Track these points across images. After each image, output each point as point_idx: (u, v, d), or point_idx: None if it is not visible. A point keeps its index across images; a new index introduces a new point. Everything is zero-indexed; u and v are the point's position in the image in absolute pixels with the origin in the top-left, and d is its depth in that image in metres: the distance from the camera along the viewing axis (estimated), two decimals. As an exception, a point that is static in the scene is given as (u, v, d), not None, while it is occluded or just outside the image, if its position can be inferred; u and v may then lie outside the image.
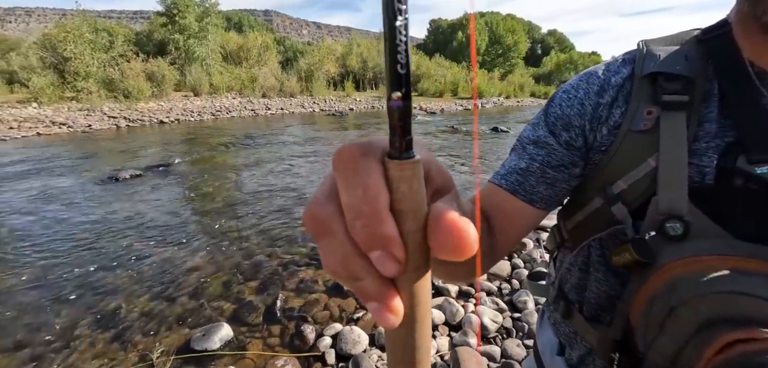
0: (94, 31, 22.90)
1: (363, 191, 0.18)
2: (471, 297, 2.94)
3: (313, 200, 0.20)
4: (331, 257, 0.19)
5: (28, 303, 2.93)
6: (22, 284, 3.20)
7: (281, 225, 4.41)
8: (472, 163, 7.70)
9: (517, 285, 3.11)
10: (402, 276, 0.19)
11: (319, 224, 0.19)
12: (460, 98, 34.32)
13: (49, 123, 13.40)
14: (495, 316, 2.66)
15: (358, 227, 0.18)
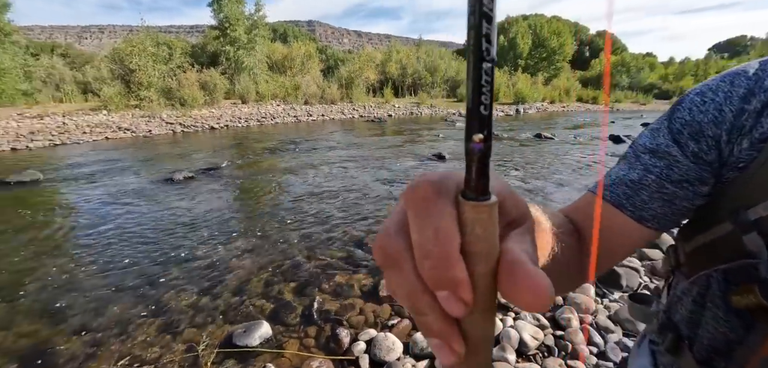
0: (156, 45, 24.98)
1: (434, 233, 0.18)
2: (509, 310, 2.83)
3: (384, 232, 0.20)
4: (398, 289, 0.20)
5: (94, 289, 3.22)
6: (89, 272, 3.54)
7: (320, 229, 4.51)
8: (526, 171, 7.44)
9: (560, 300, 2.95)
10: (468, 317, 0.19)
11: (387, 257, 0.20)
12: (502, 103, 33.39)
13: (115, 128, 14.75)
14: (535, 332, 2.54)
15: (426, 267, 0.18)
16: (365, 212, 5.09)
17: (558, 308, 2.81)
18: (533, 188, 6.18)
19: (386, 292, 3.00)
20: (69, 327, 2.73)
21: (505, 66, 46.08)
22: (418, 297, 0.19)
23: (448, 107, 27.97)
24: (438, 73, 36.38)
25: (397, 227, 0.20)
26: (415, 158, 8.92)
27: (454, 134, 13.75)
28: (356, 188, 6.27)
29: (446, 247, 0.17)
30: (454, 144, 11.08)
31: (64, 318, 2.86)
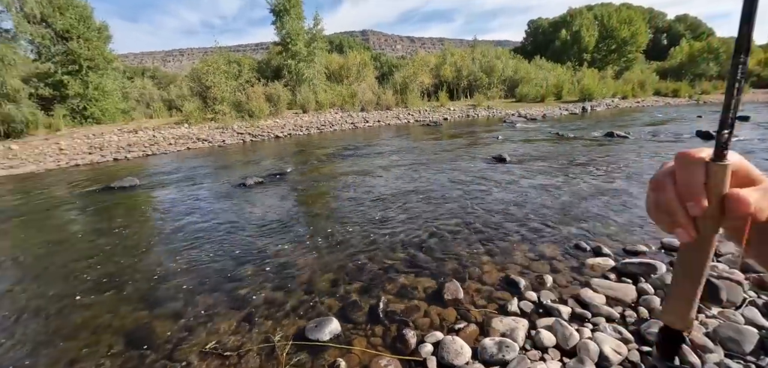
0: (227, 64, 27.41)
1: (689, 174, 0.35)
2: (586, 321, 2.63)
3: (658, 173, 0.38)
4: (659, 200, 0.37)
5: (183, 281, 3.60)
6: (179, 265, 3.95)
7: (381, 231, 4.58)
8: (592, 171, 6.92)
9: (646, 313, 2.67)
10: (700, 220, 0.36)
11: (658, 183, 0.38)
12: (566, 101, 31.27)
13: (195, 139, 16.37)
14: (618, 346, 2.32)
15: (682, 190, 0.35)
16: (425, 215, 5.07)
17: (644, 322, 2.55)
18: (613, 189, 5.69)
19: (449, 296, 2.95)
20: (164, 313, 3.08)
21: (569, 61, 43.11)
22: (673, 204, 0.36)
23: (506, 108, 26.87)
24: (495, 74, 35.18)
25: (666, 172, 0.37)
26: (474, 160, 8.70)
27: (514, 135, 13.17)
28: (415, 192, 6.27)
29: (695, 181, 0.34)
30: (515, 146, 10.60)
31: (160, 304, 3.23)
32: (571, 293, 2.96)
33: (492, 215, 4.88)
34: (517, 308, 2.80)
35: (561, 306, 2.75)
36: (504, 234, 4.20)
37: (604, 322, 2.57)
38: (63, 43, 22.44)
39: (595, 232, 4.12)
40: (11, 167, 12.85)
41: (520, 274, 3.26)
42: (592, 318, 2.64)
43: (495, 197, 5.64)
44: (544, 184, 6.23)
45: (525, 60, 39.95)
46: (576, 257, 3.56)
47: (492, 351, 2.31)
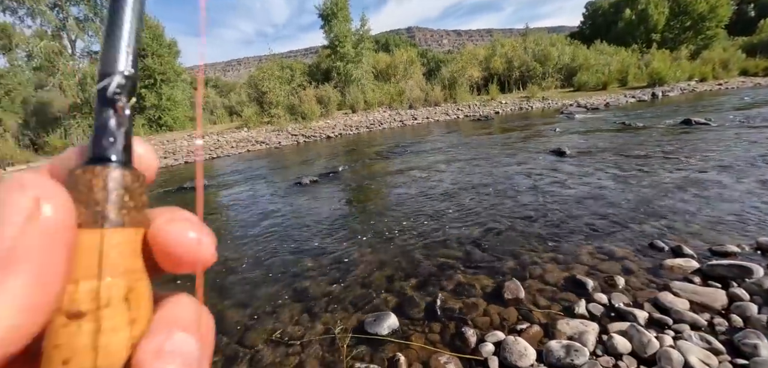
0: (281, 69, 28.84)
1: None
2: (667, 327, 2.40)
3: None
4: None
5: (249, 273, 3.85)
6: (245, 259, 4.24)
7: (435, 228, 4.54)
8: (665, 164, 6.29)
9: (740, 322, 2.37)
10: None
11: None
12: (632, 87, 28.65)
13: (254, 142, 17.44)
14: (707, 357, 2.08)
15: None
16: (479, 212, 4.93)
17: (738, 331, 2.26)
18: (694, 182, 5.12)
19: (509, 295, 2.85)
20: (234, 302, 3.32)
21: (635, 44, 39.43)
22: None
23: (563, 98, 25.26)
24: (549, 62, 33.24)
25: None
26: (530, 154, 8.30)
27: (572, 126, 12.34)
28: (468, 188, 6.13)
29: None
30: (576, 138, 9.93)
31: (230, 294, 3.48)
32: (648, 296, 2.72)
33: (551, 211, 4.62)
34: (585, 310, 2.63)
35: (636, 310, 2.53)
36: (566, 232, 3.96)
37: (689, 330, 2.33)
38: (140, 60, 24.99)
39: (674, 230, 3.73)
40: (102, 171, 14.61)
41: (587, 274, 3.05)
42: (674, 325, 2.40)
43: (554, 193, 5.34)
44: (609, 178, 5.77)
45: (583, 46, 37.22)
46: (652, 257, 3.25)
47: (559, 355, 2.19)
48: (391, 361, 2.36)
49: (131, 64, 0.23)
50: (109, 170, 0.21)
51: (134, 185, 0.22)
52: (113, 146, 0.22)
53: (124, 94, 0.22)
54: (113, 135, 0.22)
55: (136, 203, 0.22)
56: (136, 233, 0.22)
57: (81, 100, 22.71)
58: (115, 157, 0.22)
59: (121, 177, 0.21)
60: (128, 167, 0.22)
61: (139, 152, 0.25)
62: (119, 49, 0.23)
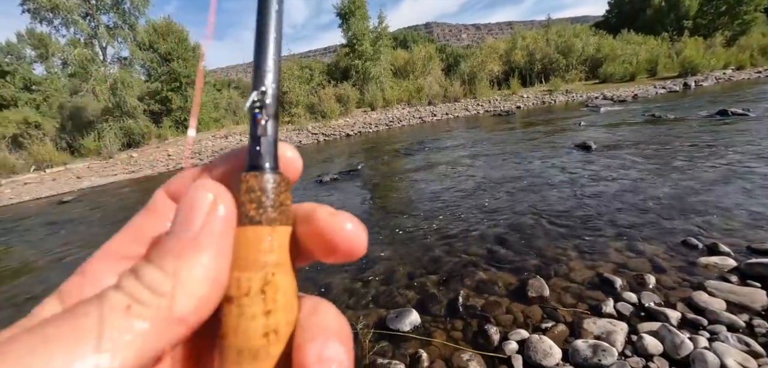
0: (300, 69, 29.20)
1: None
2: (702, 328, 2.30)
3: None
4: None
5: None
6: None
7: (456, 225, 4.51)
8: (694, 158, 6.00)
9: (784, 322, 2.25)
10: None
11: None
12: (662, 77, 27.43)
13: (275, 142, 17.75)
14: (745, 360, 1.98)
15: None
16: (501, 209, 4.86)
17: (781, 331, 2.15)
18: (730, 176, 4.87)
19: (533, 293, 2.80)
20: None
21: (665, 32, 37.68)
22: None
23: (587, 91, 24.48)
24: (573, 54, 32.26)
25: None
26: (554, 149, 8.09)
27: (598, 120, 11.94)
28: (489, 185, 6.05)
29: None
30: (602, 132, 9.61)
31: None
32: (681, 296, 2.61)
33: (577, 208, 4.50)
34: (613, 309, 2.55)
35: (668, 310, 2.44)
36: (593, 229, 3.84)
37: (725, 331, 2.23)
38: (166, 64, 25.95)
39: (710, 227, 3.56)
40: (132, 171, 15.28)
41: (615, 272, 2.96)
42: (710, 326, 2.30)
43: (579, 189, 5.19)
44: (638, 173, 5.56)
45: (609, 36, 35.87)
46: (685, 255, 3.12)
47: (586, 354, 2.14)
48: (413, 357, 2.36)
49: (273, 80, 0.26)
50: (259, 177, 0.24)
51: (279, 189, 0.25)
52: (262, 154, 0.25)
53: (269, 107, 0.25)
54: (262, 144, 0.25)
55: (281, 203, 0.25)
56: (279, 231, 0.25)
57: (112, 104, 23.74)
58: (267, 164, 0.25)
59: (267, 182, 0.24)
60: (275, 172, 0.25)
61: (287, 156, 0.28)
62: (265, 67, 0.25)
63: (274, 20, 0.26)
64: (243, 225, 0.24)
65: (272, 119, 0.26)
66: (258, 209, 0.24)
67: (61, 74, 28.75)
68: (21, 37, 28.40)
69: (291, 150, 0.28)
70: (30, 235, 7.49)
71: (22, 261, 5.80)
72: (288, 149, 0.28)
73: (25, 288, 4.65)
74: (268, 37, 0.26)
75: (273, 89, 0.26)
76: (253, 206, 0.24)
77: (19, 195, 13.17)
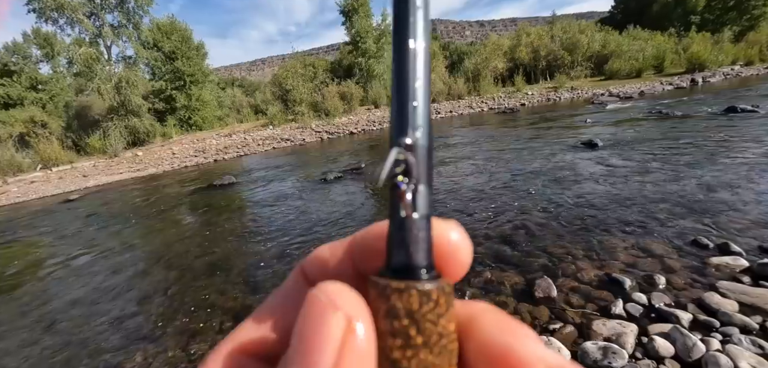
0: (304, 67, 29.19)
1: None
2: (714, 330, 2.25)
3: None
4: None
5: (276, 267, 3.93)
6: (273, 252, 4.33)
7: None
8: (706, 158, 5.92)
9: (798, 323, 2.20)
10: None
11: None
12: (669, 74, 27.14)
13: (279, 140, 17.77)
14: (759, 363, 1.93)
15: None
16: (507, 207, 4.82)
17: (796, 332, 2.10)
18: (740, 174, 4.79)
19: (540, 293, 2.77)
20: (263, 294, 3.38)
21: (672, 27, 37.25)
22: None
23: (593, 87, 24.29)
24: (578, 51, 31.98)
25: None
26: (560, 147, 8.02)
27: (605, 117, 11.82)
28: (493, 183, 6.00)
29: None
30: (608, 130, 9.51)
31: (260, 287, 3.57)
32: (692, 297, 2.57)
33: (584, 206, 4.44)
34: (622, 310, 2.51)
35: (679, 311, 2.39)
36: (601, 228, 3.79)
37: (739, 333, 2.18)
38: (170, 62, 26.03)
39: (720, 226, 3.50)
40: (138, 170, 15.35)
41: (624, 272, 2.91)
42: (722, 328, 2.26)
43: (586, 187, 5.13)
44: (646, 171, 5.49)
45: (615, 31, 35.53)
46: (695, 255, 3.06)
47: (596, 357, 2.10)
48: (419, 359, 2.33)
49: (424, 130, 0.18)
50: (406, 295, 0.16)
51: (438, 311, 0.17)
52: (411, 250, 0.17)
53: (419, 169, 0.18)
54: (410, 233, 0.17)
55: (440, 335, 0.17)
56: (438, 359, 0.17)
57: (117, 103, 23.87)
58: (421, 266, 0.17)
59: (422, 302, 0.17)
60: (433, 280, 0.17)
61: (449, 242, 0.20)
62: (409, 111, 0.19)
63: (421, 26, 0.19)
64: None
65: (425, 185, 0.18)
66: (405, 349, 0.16)
67: (66, 73, 28.92)
68: (27, 37, 28.61)
69: (455, 230, 0.21)
70: (37, 234, 7.55)
71: (29, 260, 5.84)
72: (452, 229, 0.21)
73: (31, 287, 4.68)
74: (415, 57, 0.19)
75: (423, 138, 0.18)
76: (397, 343, 0.16)
77: (25, 194, 13.28)
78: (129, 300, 3.83)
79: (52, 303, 4.07)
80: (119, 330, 3.31)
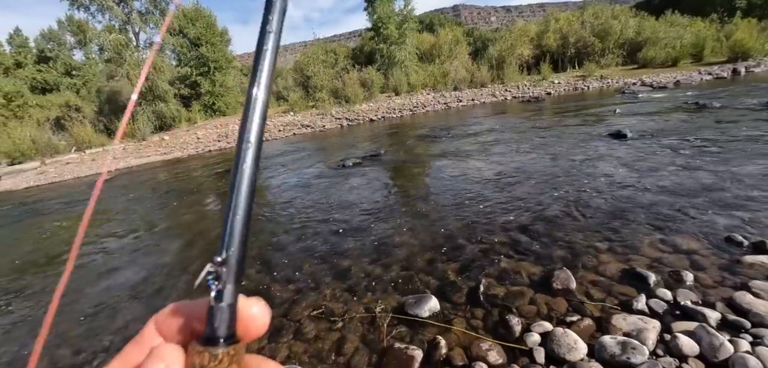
0: (325, 53, 29.19)
1: None
2: (744, 331, 2.13)
3: None
4: None
5: (293, 250, 3.99)
6: (290, 237, 4.40)
7: (479, 213, 4.40)
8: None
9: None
10: None
11: None
12: (708, 63, 25.52)
13: (300, 126, 17.94)
14: (795, 365, 1.83)
15: None
16: (527, 197, 4.70)
17: (837, 336, 1.96)
18: (773, 169, 4.49)
19: (559, 285, 2.69)
20: (280, 277, 3.46)
21: (714, 13, 34.97)
22: None
23: (624, 76, 23.21)
24: (611, 37, 30.52)
25: None
26: (586, 137, 7.73)
27: (635, 107, 11.29)
28: (515, 173, 5.86)
29: None
30: (639, 120, 9.08)
31: (276, 269, 3.64)
32: (721, 296, 2.44)
33: (609, 199, 4.28)
34: (644, 306, 2.41)
35: (706, 310, 2.28)
36: (625, 221, 3.65)
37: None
38: (195, 49, 26.58)
39: (756, 224, 3.29)
40: (164, 153, 15.89)
41: (649, 268, 2.80)
42: (753, 329, 2.13)
43: (613, 179, 4.93)
44: (678, 164, 5.22)
45: (651, 17, 33.64)
46: (727, 252, 2.90)
47: (613, 351, 2.03)
48: (431, 343, 2.33)
49: (238, 245, 0.27)
50: (205, 354, 0.25)
51: (219, 361, 0.25)
52: (215, 326, 0.26)
53: (229, 273, 0.26)
54: (215, 315, 0.26)
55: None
56: None
57: (145, 88, 24.66)
58: (221, 336, 0.26)
59: (215, 359, 0.25)
60: (226, 344, 0.26)
61: (250, 314, 0.29)
62: (230, 233, 0.27)
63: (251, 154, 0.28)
64: None
65: (233, 284, 0.26)
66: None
67: (98, 60, 30.05)
68: (61, 24, 29.82)
69: (257, 306, 0.29)
70: (72, 211, 7.96)
71: (67, 236, 6.17)
72: (254, 305, 0.29)
73: (65, 260, 4.95)
74: (240, 190, 0.28)
75: (235, 253, 0.27)
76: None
77: (61, 174, 14.01)
78: (155, 273, 3.99)
79: (87, 274, 4.29)
80: (146, 301, 3.46)
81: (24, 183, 13.27)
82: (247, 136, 0.28)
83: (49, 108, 24.02)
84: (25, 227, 7.09)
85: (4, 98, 23.17)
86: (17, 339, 3.18)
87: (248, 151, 0.28)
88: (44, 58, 28.50)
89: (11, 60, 28.52)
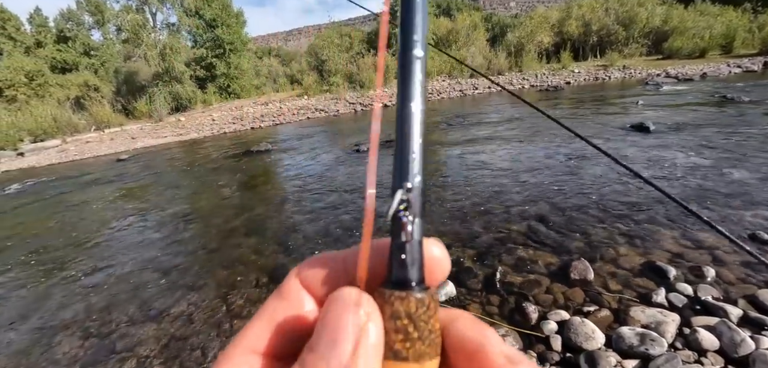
0: (340, 37, 28.99)
1: None
2: (766, 327, 2.09)
3: None
4: None
5: (308, 230, 4.06)
6: (304, 217, 4.47)
7: (495, 201, 4.38)
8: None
9: None
10: None
11: None
12: (738, 55, 24.39)
13: (313, 110, 17.99)
14: (818, 365, 1.80)
15: None
16: (544, 188, 4.65)
17: None
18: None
19: (576, 275, 2.68)
20: (295, 257, 3.53)
21: (747, 2, 33.32)
22: None
23: (648, 67, 22.44)
24: (635, 25, 29.38)
25: None
26: (606, 128, 7.56)
27: (659, 100, 10.94)
28: (532, 162, 5.79)
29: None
30: (662, 113, 8.82)
31: (291, 249, 3.72)
32: (744, 292, 2.40)
33: (628, 191, 4.20)
34: (664, 299, 2.39)
35: (728, 306, 2.25)
36: (646, 214, 3.58)
37: (793, 331, 2.02)
38: (211, 30, 26.70)
39: (784, 219, 3.20)
40: (180, 134, 16.16)
41: (670, 262, 2.75)
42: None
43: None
44: (702, 158, 5.08)
45: (679, 6, 32.21)
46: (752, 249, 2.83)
47: (631, 342, 2.03)
48: (447, 329, 2.36)
49: (419, 171, 0.23)
50: (406, 300, 0.21)
51: (429, 313, 0.21)
52: (408, 268, 0.22)
53: (415, 205, 0.22)
54: (407, 254, 0.22)
55: (430, 331, 0.21)
56: (427, 366, 0.22)
57: (162, 69, 24.97)
58: (414, 280, 0.22)
59: (417, 307, 0.21)
60: (423, 290, 0.21)
61: (433, 257, 0.24)
62: (409, 157, 0.23)
63: (419, 91, 0.23)
64: (387, 360, 0.21)
65: (418, 217, 0.22)
66: (405, 342, 0.21)
67: (115, 40, 30.45)
68: (80, 4, 30.19)
69: (437, 247, 0.25)
70: (94, 188, 8.21)
71: (90, 210, 6.39)
72: (434, 245, 0.25)
73: (90, 235, 5.13)
74: (414, 118, 0.23)
75: (419, 183, 0.23)
76: (399, 338, 0.21)
77: (82, 152, 14.41)
78: (173, 252, 4.12)
79: (107, 249, 4.45)
80: (164, 278, 3.58)
81: (46, 160, 13.71)
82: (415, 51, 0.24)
83: (68, 88, 24.56)
84: (53, 203, 7.36)
85: (26, 77, 23.77)
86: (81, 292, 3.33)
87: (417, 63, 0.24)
88: (64, 38, 29.01)
89: (32, 40, 29.12)
